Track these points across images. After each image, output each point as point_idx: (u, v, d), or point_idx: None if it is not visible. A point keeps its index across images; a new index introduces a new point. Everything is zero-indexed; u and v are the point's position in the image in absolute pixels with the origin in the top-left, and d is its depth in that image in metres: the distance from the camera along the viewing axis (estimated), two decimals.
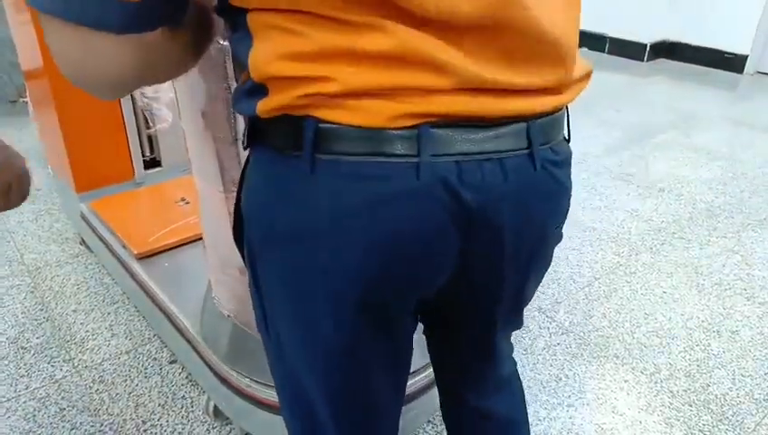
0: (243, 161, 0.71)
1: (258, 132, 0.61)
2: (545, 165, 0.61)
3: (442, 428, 1.50)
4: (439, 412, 1.49)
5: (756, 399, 1.62)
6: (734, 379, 1.69)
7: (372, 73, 0.52)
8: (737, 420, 1.55)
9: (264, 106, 0.56)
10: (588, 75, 0.67)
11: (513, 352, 0.92)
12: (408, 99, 0.53)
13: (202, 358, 1.36)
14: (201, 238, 1.74)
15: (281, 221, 0.59)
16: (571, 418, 1.55)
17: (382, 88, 0.52)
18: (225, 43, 0.88)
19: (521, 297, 0.76)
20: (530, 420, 1.53)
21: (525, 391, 1.57)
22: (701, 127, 3.64)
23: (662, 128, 3.58)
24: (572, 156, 0.70)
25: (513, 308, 0.78)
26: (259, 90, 0.56)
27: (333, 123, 0.54)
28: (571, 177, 0.69)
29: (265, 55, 0.53)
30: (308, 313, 0.63)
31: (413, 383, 1.27)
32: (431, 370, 1.28)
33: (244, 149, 0.65)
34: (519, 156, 0.59)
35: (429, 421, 1.51)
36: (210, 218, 1.18)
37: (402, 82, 0.52)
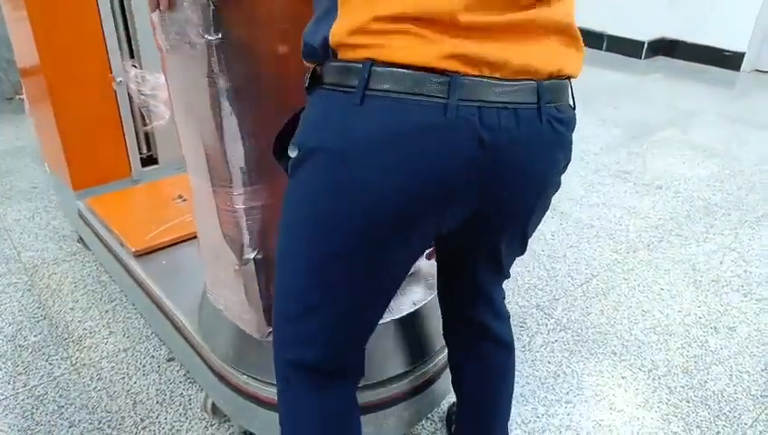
0: (230, 159, 0.76)
1: (316, 78, 0.76)
2: (550, 120, 0.75)
3: (440, 425, 1.51)
4: (436, 410, 1.49)
5: (753, 395, 1.63)
6: (731, 375, 1.70)
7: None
8: (734, 416, 1.56)
9: (338, 29, 0.70)
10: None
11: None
12: (448, 41, 0.67)
13: (200, 355, 1.36)
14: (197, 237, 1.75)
15: (334, 140, 0.73)
16: (569, 414, 1.55)
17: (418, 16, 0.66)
18: (211, 37, 0.90)
19: (525, 231, 0.92)
20: (528, 416, 1.54)
21: (524, 388, 1.58)
22: (698, 124, 3.64)
23: (660, 125, 3.58)
24: (576, 122, 0.83)
25: (518, 238, 0.94)
26: (330, 15, 0.70)
27: (386, 63, 0.68)
28: (572, 137, 0.83)
29: None
30: (336, 217, 0.76)
31: (409, 381, 1.27)
32: (427, 368, 1.30)
33: (308, 93, 0.78)
34: (529, 109, 0.73)
35: (428, 417, 1.51)
36: (202, 212, 1.18)
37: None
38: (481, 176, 0.73)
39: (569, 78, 0.79)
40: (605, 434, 1.49)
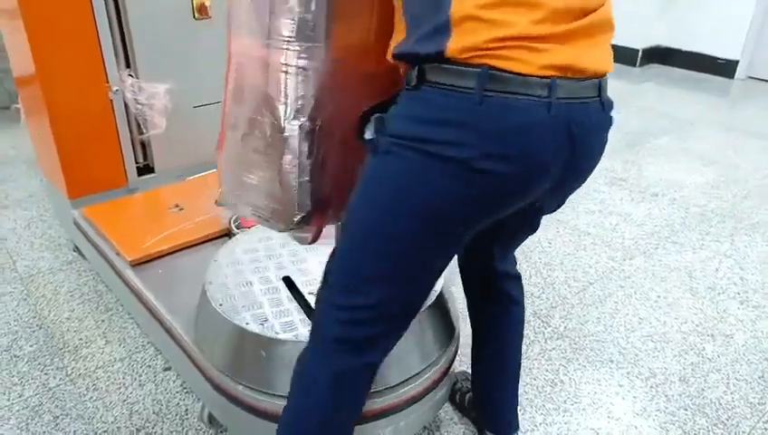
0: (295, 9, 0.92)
1: (424, 76, 0.86)
2: (605, 108, 0.92)
3: (438, 434, 1.50)
4: (435, 420, 1.49)
5: (751, 402, 1.63)
6: (728, 383, 1.70)
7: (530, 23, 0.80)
8: (732, 424, 1.56)
9: (455, 45, 0.82)
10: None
11: None
12: (547, 53, 0.81)
13: (196, 366, 1.35)
14: (195, 245, 1.74)
15: (455, 135, 0.84)
16: (566, 423, 1.55)
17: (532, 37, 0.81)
18: None
19: (567, 196, 1.11)
20: (526, 425, 1.54)
21: (521, 397, 1.58)
22: (693, 132, 3.66)
23: (655, 133, 3.60)
24: None
25: (560, 202, 1.14)
26: (442, 32, 0.82)
27: (500, 70, 0.81)
28: None
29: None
30: (441, 201, 0.88)
31: (411, 388, 1.26)
32: (428, 375, 1.29)
33: (413, 89, 0.87)
34: (596, 102, 0.90)
35: (425, 428, 1.51)
36: (241, 79, 1.10)
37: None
38: (564, 159, 0.89)
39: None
40: None
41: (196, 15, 2.01)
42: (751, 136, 3.58)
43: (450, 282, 1.41)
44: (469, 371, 1.45)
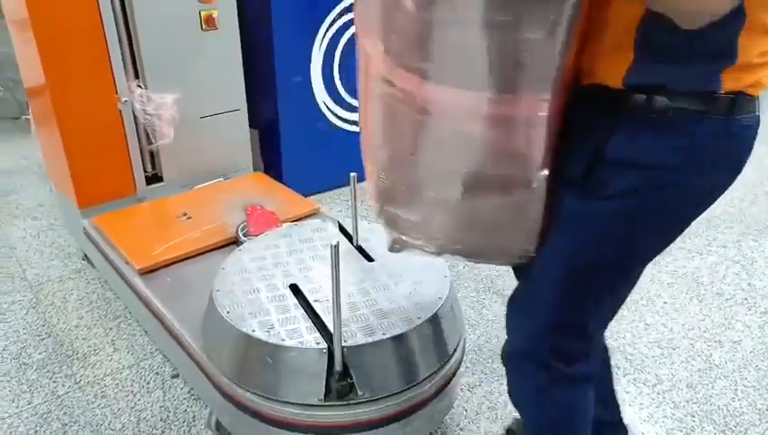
0: (553, 58, 0.83)
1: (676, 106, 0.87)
2: None
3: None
4: (441, 427, 1.49)
5: (759, 409, 1.62)
6: (736, 389, 1.69)
7: None
8: (740, 431, 1.55)
9: (735, 84, 0.85)
10: None
11: None
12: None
13: (204, 373, 1.36)
14: (203, 253, 1.76)
15: (691, 165, 0.89)
16: None
17: None
18: None
19: None
20: None
21: None
22: None
23: None
24: None
25: None
26: (723, 67, 0.84)
27: (748, 95, 0.87)
28: None
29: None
30: (678, 219, 0.97)
31: (419, 394, 1.27)
32: (435, 380, 1.30)
33: (659, 116, 0.87)
34: None
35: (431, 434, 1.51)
36: (447, 131, 0.96)
37: None
38: None
39: None
40: None
41: (204, 27, 2.05)
42: (759, 142, 3.55)
43: (456, 287, 1.41)
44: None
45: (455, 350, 1.37)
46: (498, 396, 1.64)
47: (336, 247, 1.08)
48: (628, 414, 1.60)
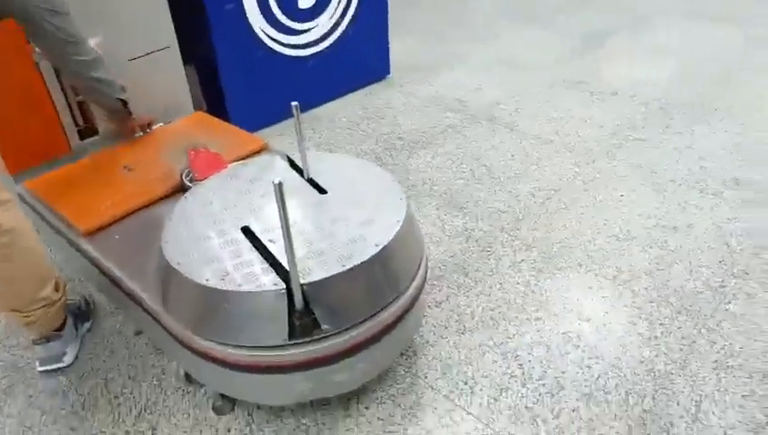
0: None
1: None
2: None
3: (416, 369, 1.53)
4: (411, 346, 1.50)
5: (712, 287, 1.69)
6: (691, 271, 1.75)
7: None
8: (695, 310, 1.62)
9: None
10: None
11: None
12: None
13: (163, 327, 1.34)
14: (149, 206, 1.68)
15: None
16: (539, 331, 1.59)
17: None
18: None
19: None
20: (499, 338, 1.57)
21: (493, 311, 1.58)
22: (653, 25, 3.59)
23: (615, 30, 3.53)
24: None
25: None
26: None
27: None
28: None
29: None
30: None
31: (384, 319, 1.27)
32: (399, 303, 1.29)
33: None
34: None
35: (402, 353, 1.53)
36: None
37: None
38: None
39: None
40: (574, 344, 1.54)
41: None
42: (711, 21, 3.53)
43: (414, 207, 1.38)
44: None
45: (416, 271, 1.36)
46: (465, 308, 1.66)
47: (279, 186, 1.03)
48: (591, 308, 1.65)
